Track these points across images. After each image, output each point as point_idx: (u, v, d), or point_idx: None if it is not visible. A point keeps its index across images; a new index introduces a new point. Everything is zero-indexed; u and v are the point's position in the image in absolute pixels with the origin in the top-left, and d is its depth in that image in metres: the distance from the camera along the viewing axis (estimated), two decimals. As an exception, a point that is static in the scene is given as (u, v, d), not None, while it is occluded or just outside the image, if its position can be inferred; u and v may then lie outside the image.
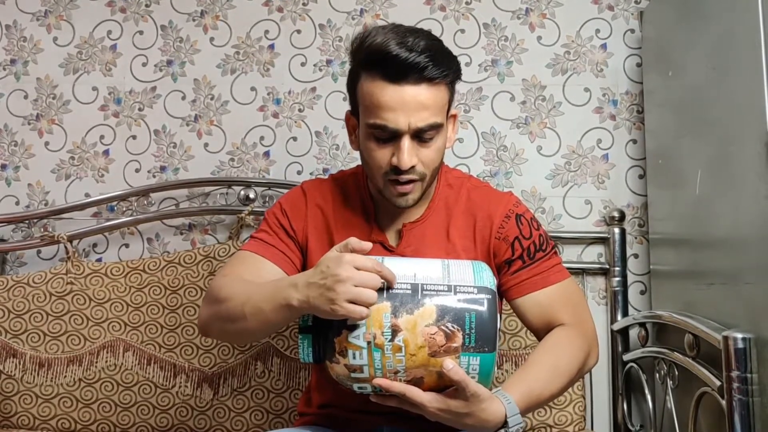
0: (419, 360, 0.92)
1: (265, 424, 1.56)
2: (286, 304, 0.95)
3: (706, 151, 1.35)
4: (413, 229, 1.16)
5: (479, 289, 0.94)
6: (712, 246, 1.34)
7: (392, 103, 1.03)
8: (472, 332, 0.92)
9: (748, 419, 1.12)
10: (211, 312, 1.08)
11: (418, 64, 1.02)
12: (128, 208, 1.77)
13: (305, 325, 0.97)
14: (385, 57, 1.02)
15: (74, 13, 1.83)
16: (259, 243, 1.17)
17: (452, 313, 0.92)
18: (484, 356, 0.92)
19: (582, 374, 1.12)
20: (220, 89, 1.80)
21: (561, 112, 1.75)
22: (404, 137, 1.05)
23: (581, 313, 1.15)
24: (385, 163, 1.08)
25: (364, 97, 1.07)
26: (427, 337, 0.91)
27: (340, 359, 0.94)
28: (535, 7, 1.77)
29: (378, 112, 1.04)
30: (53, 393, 1.59)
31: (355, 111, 1.13)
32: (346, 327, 0.93)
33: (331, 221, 1.19)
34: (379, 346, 0.92)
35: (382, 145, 1.07)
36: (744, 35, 1.19)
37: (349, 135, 1.18)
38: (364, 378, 0.95)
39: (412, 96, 1.03)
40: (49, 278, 1.64)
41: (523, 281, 1.14)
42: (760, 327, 1.13)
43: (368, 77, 1.06)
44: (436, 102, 1.06)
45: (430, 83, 1.04)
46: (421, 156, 1.08)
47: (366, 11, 1.79)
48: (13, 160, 1.81)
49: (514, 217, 1.16)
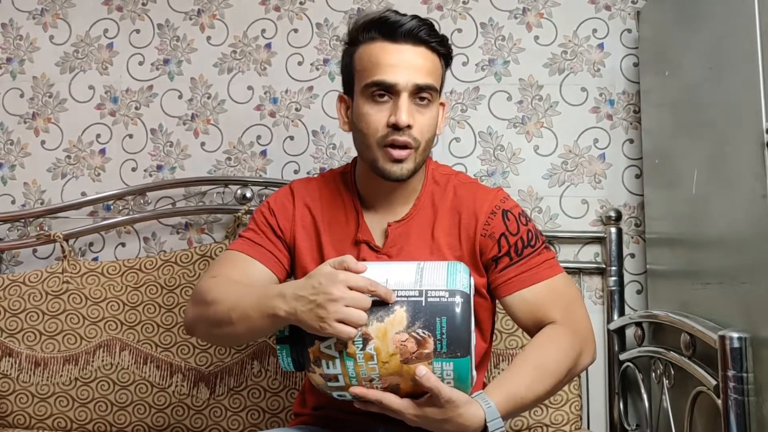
0: (392, 367, 0.92)
1: (261, 423, 1.56)
2: (272, 314, 0.94)
3: (702, 150, 1.36)
4: (398, 228, 1.16)
5: (451, 292, 0.92)
6: (708, 246, 1.34)
7: (392, 60, 1.08)
8: (443, 337, 0.90)
9: (744, 419, 1.12)
10: (198, 313, 1.08)
11: (417, 26, 1.08)
12: (124, 207, 1.76)
13: (282, 336, 0.97)
14: (385, 21, 1.09)
15: (70, 12, 1.83)
16: (247, 242, 1.17)
17: (423, 319, 0.91)
18: (458, 361, 0.91)
19: (574, 374, 1.08)
20: (216, 88, 1.79)
21: (558, 112, 1.75)
22: (402, 94, 1.07)
23: (573, 311, 1.11)
24: (382, 124, 1.08)
25: (363, 60, 1.10)
26: (399, 344, 0.90)
27: (316, 369, 0.95)
28: (532, 7, 1.77)
29: (377, 69, 1.08)
30: (49, 392, 1.59)
31: (347, 89, 1.15)
32: (318, 337, 0.93)
33: (319, 220, 1.18)
34: (351, 355, 0.92)
35: (380, 106, 1.08)
36: (740, 35, 1.20)
37: (341, 118, 1.18)
38: (341, 386, 0.95)
39: (411, 55, 1.08)
40: (45, 277, 1.64)
41: (511, 279, 1.11)
42: (756, 326, 1.13)
43: (367, 43, 1.10)
44: (433, 66, 1.11)
45: (427, 47, 1.10)
46: (417, 119, 1.09)
47: (363, 10, 1.78)
48: (9, 158, 1.80)
49: (501, 212, 1.14)
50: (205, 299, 1.06)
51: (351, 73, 1.13)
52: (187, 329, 1.13)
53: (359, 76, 1.11)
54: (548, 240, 1.68)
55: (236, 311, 1.00)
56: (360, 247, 1.15)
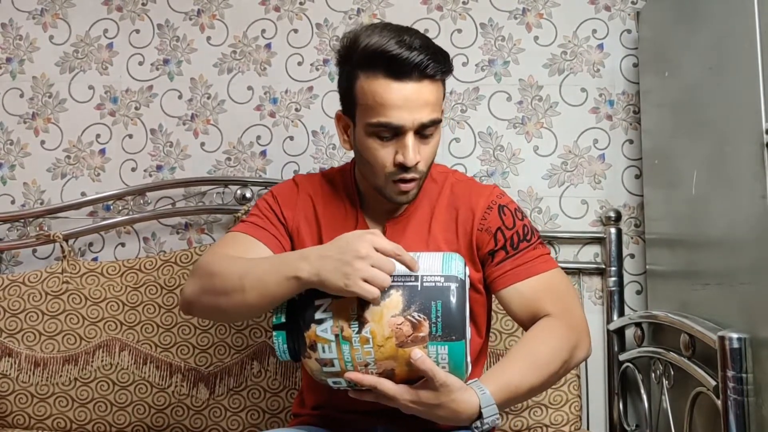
0: (387, 351, 0.92)
1: (261, 423, 1.56)
2: (294, 276, 0.94)
3: (702, 151, 1.36)
4: (397, 224, 1.17)
5: (446, 277, 0.94)
6: (707, 246, 1.34)
7: (397, 100, 1.04)
8: (438, 321, 0.91)
9: (743, 419, 1.12)
10: (200, 285, 1.06)
11: (420, 62, 1.03)
12: (124, 207, 1.76)
13: (278, 322, 0.97)
14: (386, 56, 1.03)
15: (70, 12, 1.83)
16: (249, 225, 1.17)
17: (418, 303, 0.92)
18: (453, 345, 0.92)
19: (569, 367, 1.07)
20: (216, 88, 1.79)
21: (557, 112, 1.75)
22: (408, 134, 1.06)
23: (568, 304, 1.11)
24: (389, 162, 1.08)
25: (365, 96, 1.06)
26: (394, 327, 0.92)
27: (312, 354, 0.95)
28: (532, 7, 1.77)
29: (382, 110, 1.05)
30: (49, 392, 1.59)
31: (347, 111, 1.12)
32: (314, 321, 0.94)
33: (320, 214, 1.19)
34: (347, 339, 0.93)
35: (386, 144, 1.07)
36: (740, 35, 1.20)
37: (341, 135, 1.17)
38: (336, 372, 0.95)
39: (415, 93, 1.05)
40: (45, 277, 1.64)
41: (507, 272, 1.12)
42: (756, 327, 1.13)
43: (368, 77, 1.05)
44: (436, 98, 1.08)
45: (431, 80, 1.06)
46: (423, 153, 1.09)
47: (363, 11, 1.79)
48: (8, 158, 1.80)
49: (497, 207, 1.15)
50: (209, 270, 1.05)
51: (351, 100, 1.10)
52: (186, 305, 1.10)
53: (362, 111, 1.08)
54: (548, 240, 1.68)
55: (248, 277, 0.99)
56: None
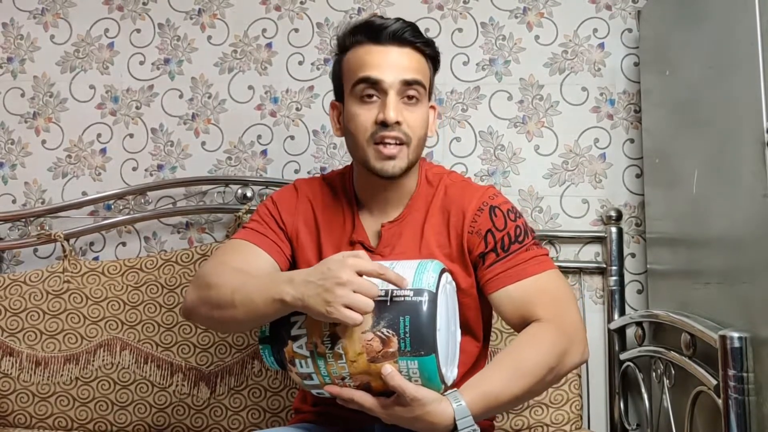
0: (360, 366, 0.93)
1: (261, 422, 1.56)
2: (279, 299, 0.95)
3: (703, 150, 1.36)
4: (391, 228, 1.16)
5: (416, 291, 0.93)
6: (708, 245, 1.34)
7: (378, 60, 1.09)
8: (406, 336, 0.91)
9: (744, 418, 1.12)
10: (199, 296, 1.08)
11: (401, 28, 1.11)
12: (125, 206, 1.76)
13: (263, 336, 0.99)
14: (367, 24, 1.12)
15: (71, 11, 1.83)
16: (250, 232, 1.18)
17: (387, 319, 0.92)
18: (422, 360, 0.91)
19: (559, 373, 1.03)
20: (217, 88, 1.80)
21: (558, 112, 1.75)
22: (390, 92, 1.09)
23: (561, 308, 1.07)
24: (370, 122, 1.09)
25: (350, 63, 1.12)
26: (365, 343, 0.92)
27: (292, 368, 0.97)
28: (532, 7, 1.77)
29: (363, 67, 1.10)
30: (50, 391, 1.59)
31: (338, 94, 1.17)
32: (290, 337, 0.95)
33: (319, 219, 1.20)
34: (321, 355, 0.94)
35: (368, 105, 1.10)
36: (741, 35, 1.20)
37: (333, 124, 1.20)
38: (317, 384, 0.98)
39: (397, 56, 1.10)
40: (46, 277, 1.64)
41: (498, 275, 1.09)
42: (757, 326, 1.13)
43: (353, 48, 1.12)
44: (419, 65, 1.13)
45: (412, 47, 1.11)
46: (406, 117, 1.10)
47: (364, 10, 1.79)
48: (9, 158, 1.80)
49: (488, 209, 1.13)
50: (208, 282, 1.07)
51: (340, 79, 1.16)
52: (186, 312, 1.12)
53: (347, 78, 1.13)
54: (549, 240, 1.68)
55: (239, 294, 1.00)
56: (355, 247, 1.16)
